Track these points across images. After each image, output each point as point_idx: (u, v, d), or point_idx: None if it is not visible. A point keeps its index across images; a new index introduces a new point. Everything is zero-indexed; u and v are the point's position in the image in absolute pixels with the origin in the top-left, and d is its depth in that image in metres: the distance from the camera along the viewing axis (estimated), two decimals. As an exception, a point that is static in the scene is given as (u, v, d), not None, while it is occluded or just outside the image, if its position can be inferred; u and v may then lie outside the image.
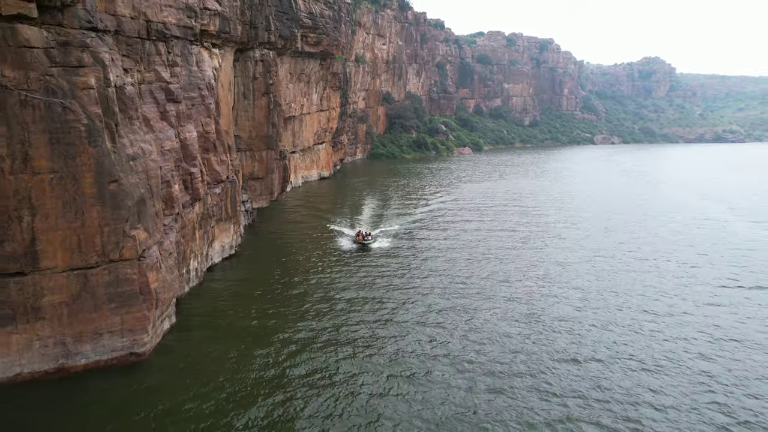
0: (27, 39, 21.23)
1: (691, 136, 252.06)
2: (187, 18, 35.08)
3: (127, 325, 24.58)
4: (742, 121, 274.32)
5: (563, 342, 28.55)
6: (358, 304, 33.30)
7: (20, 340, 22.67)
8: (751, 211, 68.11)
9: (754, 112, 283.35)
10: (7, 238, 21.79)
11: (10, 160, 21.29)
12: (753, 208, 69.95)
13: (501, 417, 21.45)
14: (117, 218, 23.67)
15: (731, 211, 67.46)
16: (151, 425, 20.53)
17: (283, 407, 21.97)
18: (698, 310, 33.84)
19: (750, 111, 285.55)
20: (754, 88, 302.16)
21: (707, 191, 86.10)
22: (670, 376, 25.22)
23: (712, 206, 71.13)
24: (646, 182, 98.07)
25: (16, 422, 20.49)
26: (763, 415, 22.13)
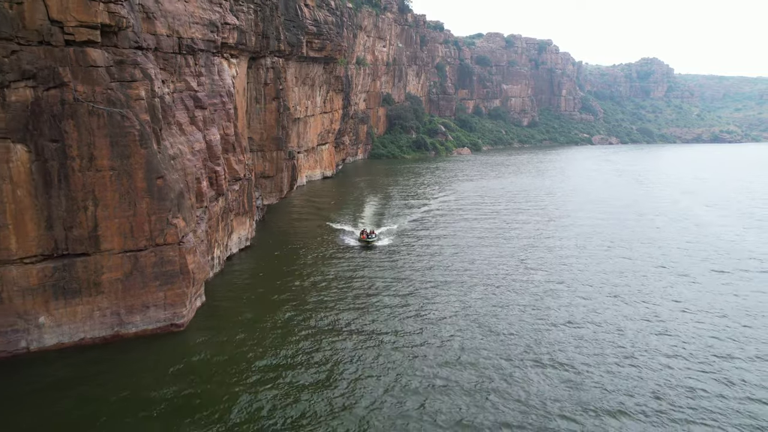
0: (93, 60, 25.92)
1: (689, 137, 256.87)
2: (211, 33, 39.81)
3: (169, 300, 29.28)
4: (739, 122, 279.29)
5: (551, 302, 33.25)
6: (359, 285, 37.99)
7: (84, 311, 27.37)
8: (709, 199, 73.13)
9: (751, 113, 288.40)
10: (75, 225, 26.49)
11: (80, 159, 25.98)
12: (720, 203, 74.88)
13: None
14: (162, 209, 28.38)
15: (697, 203, 72.34)
16: (191, 384, 25.07)
17: (293, 358, 26.63)
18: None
19: (747, 111, 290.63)
20: (752, 89, 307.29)
21: (686, 188, 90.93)
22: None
23: (682, 199, 76.01)
24: (634, 180, 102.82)
25: (83, 378, 25.10)
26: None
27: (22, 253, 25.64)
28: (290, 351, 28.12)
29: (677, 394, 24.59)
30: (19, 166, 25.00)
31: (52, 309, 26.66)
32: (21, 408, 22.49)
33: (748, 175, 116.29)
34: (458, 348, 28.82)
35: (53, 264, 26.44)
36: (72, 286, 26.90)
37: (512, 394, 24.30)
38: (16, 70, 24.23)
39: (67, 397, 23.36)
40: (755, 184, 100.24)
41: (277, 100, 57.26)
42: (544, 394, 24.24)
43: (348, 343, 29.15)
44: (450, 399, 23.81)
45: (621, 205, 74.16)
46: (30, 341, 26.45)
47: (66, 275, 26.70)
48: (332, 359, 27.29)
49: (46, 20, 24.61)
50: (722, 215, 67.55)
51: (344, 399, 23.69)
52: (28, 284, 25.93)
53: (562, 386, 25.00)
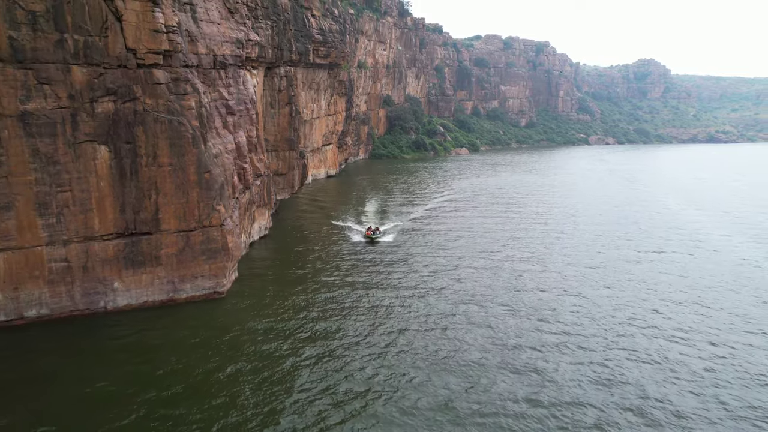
0: (157, 78, 33.28)
1: (685, 137, 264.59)
2: (237, 49, 47.15)
3: (213, 272, 36.63)
4: (736, 122, 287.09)
5: (527, 279, 40.58)
6: (363, 266, 45.35)
7: (147, 279, 34.71)
8: (687, 198, 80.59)
9: (748, 113, 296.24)
10: (142, 209, 33.84)
11: (146, 157, 33.33)
12: (693, 198, 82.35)
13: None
14: (208, 197, 35.73)
15: (675, 200, 79.79)
16: (231, 336, 32.35)
17: (307, 315, 33.93)
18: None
19: (744, 112, 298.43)
20: (749, 89, 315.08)
21: (664, 185, 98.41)
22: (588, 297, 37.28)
23: (661, 195, 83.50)
24: (621, 177, 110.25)
25: (148, 330, 32.36)
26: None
27: (102, 231, 33.01)
28: (305, 312, 35.45)
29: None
30: (102, 162, 32.36)
31: (123, 276, 34.02)
32: (104, 352, 29.81)
33: (725, 172, 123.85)
34: (452, 292, 36.19)
35: (125, 240, 33.81)
36: (138, 259, 34.26)
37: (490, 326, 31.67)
38: (102, 88, 31.58)
39: (136, 344, 30.61)
40: (721, 179, 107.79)
41: (290, 105, 64.62)
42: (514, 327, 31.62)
43: (353, 304, 36.53)
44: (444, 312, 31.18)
45: (603, 197, 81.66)
46: (107, 302, 33.79)
47: (134, 250, 34.06)
48: (340, 315, 34.65)
49: (123, 49, 31.96)
50: (682, 204, 75.12)
51: (348, 339, 31.04)
52: (106, 256, 33.29)
53: (533, 325, 32.36)
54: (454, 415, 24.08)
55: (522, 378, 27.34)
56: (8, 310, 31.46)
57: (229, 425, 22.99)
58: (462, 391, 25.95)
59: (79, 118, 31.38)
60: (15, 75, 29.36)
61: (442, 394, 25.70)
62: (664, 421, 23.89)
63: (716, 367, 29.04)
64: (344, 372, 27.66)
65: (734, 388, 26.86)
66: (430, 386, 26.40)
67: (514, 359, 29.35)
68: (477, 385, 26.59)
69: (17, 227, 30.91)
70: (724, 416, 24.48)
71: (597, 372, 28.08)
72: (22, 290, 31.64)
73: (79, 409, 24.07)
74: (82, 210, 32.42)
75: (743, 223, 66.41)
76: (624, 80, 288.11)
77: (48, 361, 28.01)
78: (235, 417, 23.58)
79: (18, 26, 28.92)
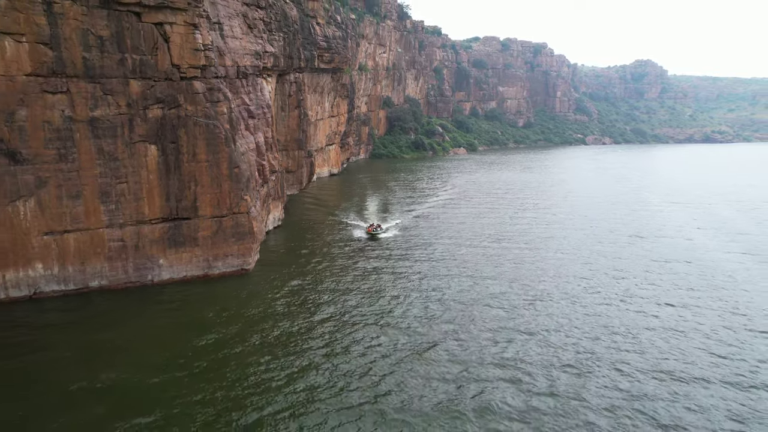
0: (196, 89, 40.55)
1: (681, 137, 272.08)
2: (256, 60, 54.43)
3: (241, 252, 43.89)
4: (732, 122, 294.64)
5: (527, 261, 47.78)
6: (366, 252, 52.63)
7: (186, 257, 41.96)
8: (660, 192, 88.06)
9: (744, 113, 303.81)
10: (183, 198, 41.10)
11: (187, 154, 40.60)
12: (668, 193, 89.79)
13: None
14: (238, 188, 42.99)
15: (656, 196, 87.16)
16: (256, 304, 39.56)
17: (317, 288, 41.15)
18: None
19: (740, 112, 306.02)
20: (746, 90, 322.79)
21: (645, 181, 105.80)
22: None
23: (639, 190, 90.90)
24: (607, 173, 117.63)
25: (187, 299, 39.56)
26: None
27: (151, 216, 40.29)
28: (315, 287, 42.72)
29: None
30: (151, 159, 39.64)
31: (167, 254, 41.28)
32: (155, 312, 37.05)
33: (711, 170, 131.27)
34: (445, 273, 43.45)
35: (168, 224, 41.07)
36: (179, 240, 41.52)
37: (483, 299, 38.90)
38: (152, 97, 38.86)
39: (179, 309, 37.78)
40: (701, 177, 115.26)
41: (299, 108, 71.95)
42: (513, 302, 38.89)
43: (356, 279, 43.83)
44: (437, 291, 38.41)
45: (583, 190, 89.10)
46: (153, 276, 41.05)
47: (176, 232, 41.33)
48: (344, 286, 41.94)
49: (170, 65, 39.24)
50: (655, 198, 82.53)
51: (352, 305, 38.29)
52: (153, 237, 40.56)
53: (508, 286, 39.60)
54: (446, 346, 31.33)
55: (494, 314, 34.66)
56: (77, 280, 38.73)
57: (253, 365, 30.18)
58: (464, 325, 33.22)
59: (135, 122, 38.67)
60: (86, 88, 36.65)
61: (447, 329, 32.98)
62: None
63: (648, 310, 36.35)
64: (350, 328, 34.91)
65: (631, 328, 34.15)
66: (431, 335, 33.66)
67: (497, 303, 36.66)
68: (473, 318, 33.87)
69: (84, 212, 38.20)
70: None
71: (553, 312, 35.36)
72: (88, 265, 38.91)
73: (141, 346, 31.25)
74: (135, 198, 39.71)
75: (704, 213, 73.81)
76: (621, 81, 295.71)
77: (112, 323, 35.22)
78: (259, 363, 30.80)
79: (90, 48, 36.21)
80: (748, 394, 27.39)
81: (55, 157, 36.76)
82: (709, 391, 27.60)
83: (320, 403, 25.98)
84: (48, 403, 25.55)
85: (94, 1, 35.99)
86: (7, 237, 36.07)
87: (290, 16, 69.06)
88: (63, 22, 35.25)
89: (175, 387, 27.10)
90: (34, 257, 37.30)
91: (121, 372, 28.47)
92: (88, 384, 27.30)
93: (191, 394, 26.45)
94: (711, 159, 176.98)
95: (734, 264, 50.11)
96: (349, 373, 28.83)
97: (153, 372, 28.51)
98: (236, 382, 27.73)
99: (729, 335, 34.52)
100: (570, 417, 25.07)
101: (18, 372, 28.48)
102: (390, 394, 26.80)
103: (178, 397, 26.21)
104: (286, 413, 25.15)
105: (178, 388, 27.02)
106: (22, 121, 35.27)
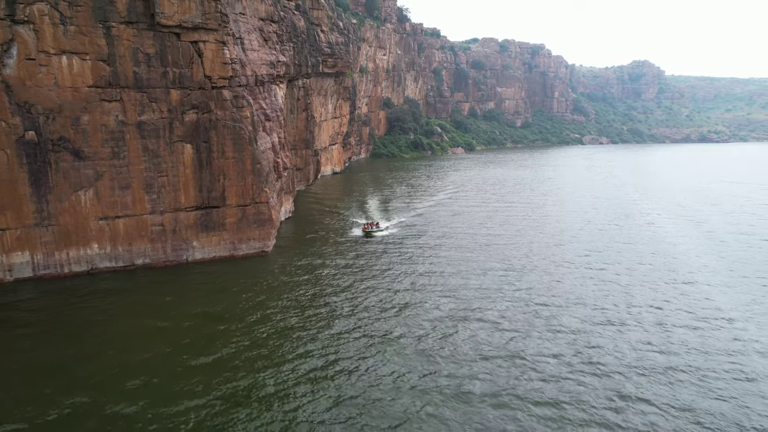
0: (225, 96, 48.52)
1: (678, 137, 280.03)
2: (271, 69, 62.41)
3: (261, 236, 51.82)
4: (729, 122, 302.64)
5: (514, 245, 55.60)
6: (369, 241, 60.60)
7: (215, 240, 49.89)
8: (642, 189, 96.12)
9: (741, 113, 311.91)
10: (213, 189, 49.05)
11: (217, 152, 48.55)
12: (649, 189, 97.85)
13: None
14: (259, 182, 50.92)
15: (636, 193, 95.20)
16: (275, 278, 47.45)
17: (326, 266, 49.02)
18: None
19: (737, 112, 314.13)
20: (743, 90, 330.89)
21: (627, 179, 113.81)
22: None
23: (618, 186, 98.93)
24: (593, 171, 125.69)
25: (218, 273, 47.45)
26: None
27: (186, 204, 48.22)
28: (325, 266, 50.63)
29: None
30: (187, 156, 47.58)
31: (200, 237, 49.22)
32: (192, 282, 44.97)
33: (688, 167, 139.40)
34: (443, 257, 51.34)
35: (201, 212, 49.01)
36: (210, 225, 49.46)
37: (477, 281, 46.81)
38: (189, 104, 46.82)
39: (209, 285, 45.63)
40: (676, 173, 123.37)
41: (306, 111, 79.92)
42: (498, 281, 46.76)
43: (361, 260, 51.78)
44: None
45: (570, 184, 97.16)
46: (188, 256, 48.98)
47: (207, 219, 49.28)
48: (349, 264, 49.86)
49: (203, 76, 47.20)
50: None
51: (358, 278, 46.19)
52: (188, 223, 48.50)
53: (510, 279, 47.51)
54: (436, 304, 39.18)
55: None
56: (125, 258, 46.69)
57: (277, 315, 38.06)
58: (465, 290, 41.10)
59: (174, 125, 46.64)
60: (135, 96, 44.62)
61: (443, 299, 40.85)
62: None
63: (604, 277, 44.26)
64: (351, 294, 42.82)
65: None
66: (429, 305, 41.57)
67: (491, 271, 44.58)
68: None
69: (132, 201, 46.17)
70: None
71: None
72: (134, 245, 46.88)
73: (181, 304, 39.12)
74: (173, 189, 47.66)
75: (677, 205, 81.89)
76: (619, 81, 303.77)
77: (149, 296, 43.13)
78: (280, 315, 38.70)
79: (139, 64, 44.19)
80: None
81: (110, 155, 44.74)
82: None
83: (338, 334, 33.93)
84: (109, 342, 33.45)
85: (143, 25, 43.99)
86: (71, 221, 44.05)
87: (299, 27, 77.08)
88: (118, 43, 43.24)
89: (217, 332, 35.05)
90: (92, 238, 45.28)
91: (165, 320, 36.51)
92: (142, 329, 35.30)
93: (225, 336, 34.39)
94: (701, 158, 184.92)
95: (680, 237, 58.34)
96: (345, 326, 36.80)
97: (193, 320, 36.56)
98: (264, 326, 35.66)
99: (659, 279, 42.55)
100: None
101: (80, 322, 36.39)
102: (392, 327, 34.75)
103: (215, 335, 34.15)
104: (305, 340, 33.07)
105: (218, 332, 34.97)
106: (85, 124, 43.25)
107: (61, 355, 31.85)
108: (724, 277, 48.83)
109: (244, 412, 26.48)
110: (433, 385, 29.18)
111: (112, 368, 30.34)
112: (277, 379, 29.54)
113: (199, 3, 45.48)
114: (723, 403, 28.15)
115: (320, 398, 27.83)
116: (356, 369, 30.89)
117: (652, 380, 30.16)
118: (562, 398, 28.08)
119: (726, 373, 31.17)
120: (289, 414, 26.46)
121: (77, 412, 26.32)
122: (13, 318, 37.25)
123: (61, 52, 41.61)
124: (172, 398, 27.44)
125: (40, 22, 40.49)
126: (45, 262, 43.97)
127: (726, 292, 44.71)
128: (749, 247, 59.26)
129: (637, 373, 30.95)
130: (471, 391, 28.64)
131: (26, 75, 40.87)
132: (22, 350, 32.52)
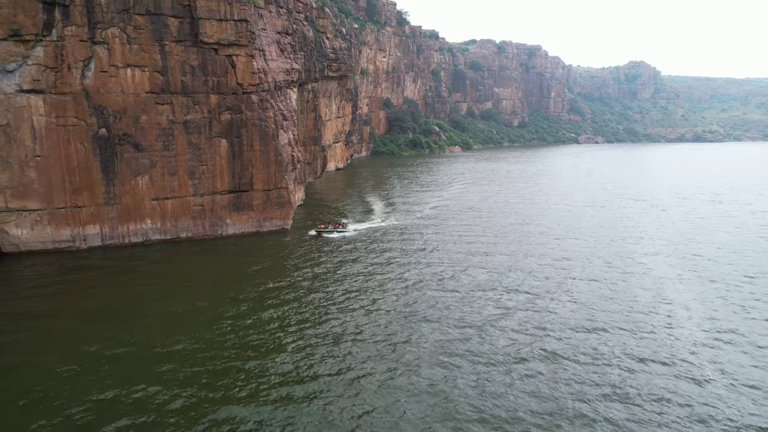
0: (253, 100, 60.36)
1: (673, 136, 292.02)
2: (286, 76, 74.29)
3: (282, 216, 63.66)
4: (724, 122, 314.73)
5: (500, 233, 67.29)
6: (368, 217, 72.41)
7: (244, 218, 61.74)
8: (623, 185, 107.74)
9: (736, 113, 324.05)
10: (243, 177, 60.89)
11: (247, 146, 60.40)
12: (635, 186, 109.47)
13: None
14: (280, 170, 62.75)
15: (618, 190, 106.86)
16: (294, 250, 59.18)
17: (338, 243, 60.72)
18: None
19: (733, 112, 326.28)
20: (739, 90, 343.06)
21: (613, 177, 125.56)
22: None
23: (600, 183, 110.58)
24: (579, 167, 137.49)
25: (249, 247, 59.18)
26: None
27: (222, 188, 60.05)
28: (332, 238, 62.39)
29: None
30: (223, 149, 59.40)
31: (232, 216, 61.03)
32: (227, 250, 56.76)
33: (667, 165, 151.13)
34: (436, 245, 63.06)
35: (233, 195, 60.85)
36: (240, 206, 61.29)
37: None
38: (224, 106, 58.68)
39: (240, 253, 57.37)
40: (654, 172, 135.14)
41: (314, 112, 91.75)
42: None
43: (365, 242, 63.57)
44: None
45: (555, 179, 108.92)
46: (222, 231, 60.80)
47: (238, 200, 61.10)
48: (354, 239, 61.64)
49: (235, 83, 59.05)
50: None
51: (363, 254, 57.92)
52: (223, 203, 60.34)
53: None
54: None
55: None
56: (172, 233, 58.49)
57: (295, 273, 49.72)
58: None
59: (213, 123, 58.47)
60: (182, 100, 56.47)
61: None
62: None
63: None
64: (352, 259, 54.54)
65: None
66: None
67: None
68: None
69: (178, 185, 57.97)
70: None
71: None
72: (179, 222, 58.69)
73: (219, 267, 50.81)
74: (211, 176, 59.49)
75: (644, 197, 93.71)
76: (615, 81, 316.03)
77: (196, 259, 54.88)
78: (299, 272, 50.41)
79: (185, 74, 56.05)
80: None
81: (161, 147, 56.58)
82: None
83: (347, 298, 45.62)
84: (170, 287, 45.16)
85: (189, 42, 55.89)
86: (132, 201, 55.89)
87: (308, 37, 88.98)
88: (170, 57, 55.12)
89: (252, 273, 46.76)
90: (146, 215, 57.11)
91: (208, 275, 48.28)
92: (188, 281, 47.05)
93: (259, 276, 46.08)
94: (688, 156, 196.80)
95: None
96: (352, 286, 48.55)
97: (233, 277, 48.37)
98: (285, 281, 47.40)
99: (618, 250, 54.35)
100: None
101: (148, 275, 48.12)
102: (391, 298, 46.47)
103: (245, 288, 45.86)
104: (322, 298, 44.76)
105: (253, 273, 46.69)
106: (143, 123, 55.09)
107: (134, 293, 43.68)
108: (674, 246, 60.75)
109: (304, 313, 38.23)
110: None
111: (178, 304, 42.15)
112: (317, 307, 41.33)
113: (233, 24, 57.41)
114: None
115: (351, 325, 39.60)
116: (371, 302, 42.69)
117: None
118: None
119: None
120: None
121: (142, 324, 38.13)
122: (90, 277, 49.06)
123: (127, 65, 53.50)
124: (230, 306, 39.19)
125: (112, 42, 52.41)
126: (111, 234, 55.78)
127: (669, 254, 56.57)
128: (692, 222, 71.27)
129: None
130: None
131: (100, 84, 52.75)
132: (99, 296, 44.35)
